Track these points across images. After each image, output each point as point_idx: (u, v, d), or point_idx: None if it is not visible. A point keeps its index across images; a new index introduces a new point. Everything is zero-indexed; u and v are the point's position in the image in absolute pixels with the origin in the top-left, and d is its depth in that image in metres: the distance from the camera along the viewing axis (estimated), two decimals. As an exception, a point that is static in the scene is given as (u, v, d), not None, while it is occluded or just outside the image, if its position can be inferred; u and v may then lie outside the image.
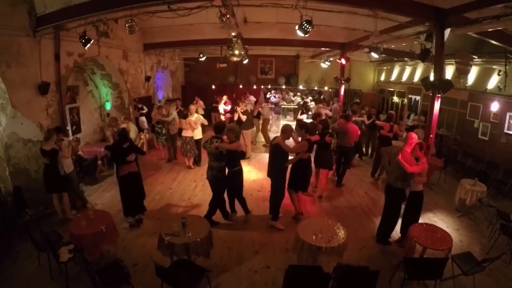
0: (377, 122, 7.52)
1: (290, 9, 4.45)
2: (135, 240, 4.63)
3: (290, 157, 4.91)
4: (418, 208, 4.44)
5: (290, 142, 4.87)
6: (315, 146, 6.07)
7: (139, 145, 5.01)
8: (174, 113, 8.07)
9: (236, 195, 5.17)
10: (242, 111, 8.21)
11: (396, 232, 4.73)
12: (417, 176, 4.14)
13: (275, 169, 4.88)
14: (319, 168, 6.19)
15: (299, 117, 8.98)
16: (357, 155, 8.79)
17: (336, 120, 8.24)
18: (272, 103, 12.26)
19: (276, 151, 4.72)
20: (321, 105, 10.22)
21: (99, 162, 6.98)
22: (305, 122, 5.72)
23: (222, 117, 9.82)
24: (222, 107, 10.42)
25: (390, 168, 4.47)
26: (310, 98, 11.99)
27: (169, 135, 8.13)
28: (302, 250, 3.55)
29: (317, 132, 5.90)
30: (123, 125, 6.26)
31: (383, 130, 6.97)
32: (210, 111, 11.64)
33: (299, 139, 5.21)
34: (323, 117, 6.91)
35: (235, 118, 8.19)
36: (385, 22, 5.49)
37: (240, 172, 4.99)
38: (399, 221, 4.64)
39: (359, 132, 7.06)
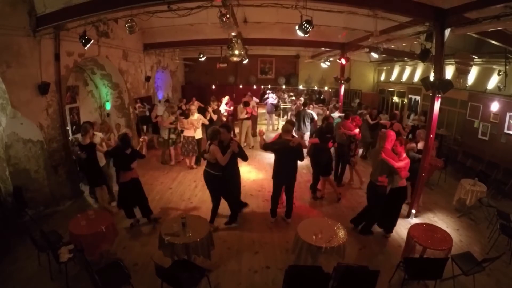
0: (384, 122, 7.45)
1: (290, 9, 4.44)
2: (135, 240, 4.63)
3: None
4: (401, 202, 4.73)
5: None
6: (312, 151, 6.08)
7: (138, 148, 4.99)
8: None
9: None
10: (212, 110, 8.75)
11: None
12: (402, 171, 4.33)
13: (295, 170, 4.97)
14: (319, 175, 6.07)
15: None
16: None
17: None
18: (265, 103, 12.41)
19: (298, 151, 4.80)
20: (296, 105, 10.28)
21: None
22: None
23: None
24: (223, 107, 10.50)
25: (373, 168, 4.65)
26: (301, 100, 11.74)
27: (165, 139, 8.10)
28: (302, 250, 3.56)
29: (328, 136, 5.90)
30: (125, 130, 6.24)
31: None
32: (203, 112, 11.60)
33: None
34: (331, 119, 6.83)
35: (207, 117, 8.33)
36: (385, 22, 5.49)
37: None
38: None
39: (354, 131, 6.87)
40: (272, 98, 12.51)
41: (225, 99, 10.54)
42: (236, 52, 6.43)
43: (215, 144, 4.56)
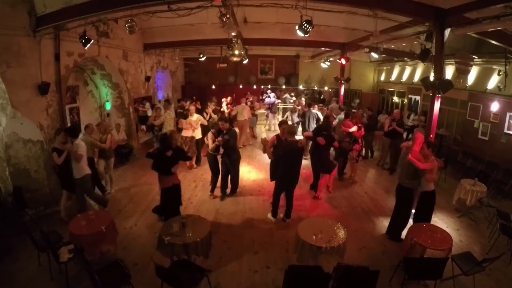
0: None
1: (290, 9, 4.45)
2: (135, 240, 4.63)
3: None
4: (431, 207, 4.54)
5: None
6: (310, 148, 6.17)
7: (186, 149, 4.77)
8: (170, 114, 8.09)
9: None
10: (212, 110, 8.97)
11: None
12: (428, 173, 4.21)
13: (299, 171, 5.02)
14: (318, 172, 6.12)
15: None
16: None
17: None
18: (266, 103, 12.46)
19: (302, 151, 5.02)
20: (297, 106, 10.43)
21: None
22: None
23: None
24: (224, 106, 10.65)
25: (400, 169, 4.56)
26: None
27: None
28: (302, 250, 3.56)
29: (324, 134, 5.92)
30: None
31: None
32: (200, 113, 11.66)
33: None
34: (332, 118, 6.90)
35: (207, 117, 8.49)
36: (385, 22, 5.49)
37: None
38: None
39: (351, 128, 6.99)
40: (274, 98, 12.57)
41: (228, 99, 10.63)
42: (236, 52, 6.43)
43: (213, 132, 5.76)
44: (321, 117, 8.77)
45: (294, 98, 13.93)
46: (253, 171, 7.75)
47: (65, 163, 4.83)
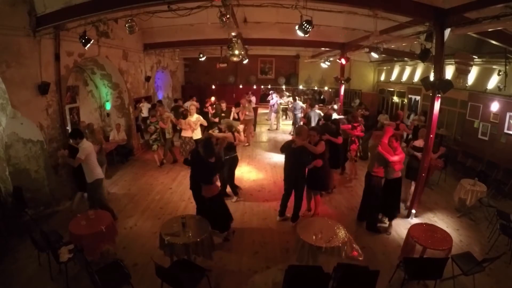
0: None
1: (290, 9, 4.44)
2: (135, 240, 4.63)
3: None
4: (398, 193, 4.98)
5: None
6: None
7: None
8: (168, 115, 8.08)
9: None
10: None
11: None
12: (396, 164, 4.62)
13: (300, 173, 4.86)
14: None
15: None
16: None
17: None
18: (271, 105, 12.53)
19: (301, 154, 4.69)
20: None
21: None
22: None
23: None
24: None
25: (370, 159, 5.03)
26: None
27: (166, 138, 8.10)
28: (302, 250, 3.56)
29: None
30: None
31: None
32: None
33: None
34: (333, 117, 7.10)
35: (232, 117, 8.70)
36: (385, 22, 5.49)
37: None
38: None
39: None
40: (277, 98, 12.59)
41: (212, 99, 10.58)
42: (236, 52, 6.43)
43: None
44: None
45: (289, 99, 13.88)
46: (253, 171, 7.76)
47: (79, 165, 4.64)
